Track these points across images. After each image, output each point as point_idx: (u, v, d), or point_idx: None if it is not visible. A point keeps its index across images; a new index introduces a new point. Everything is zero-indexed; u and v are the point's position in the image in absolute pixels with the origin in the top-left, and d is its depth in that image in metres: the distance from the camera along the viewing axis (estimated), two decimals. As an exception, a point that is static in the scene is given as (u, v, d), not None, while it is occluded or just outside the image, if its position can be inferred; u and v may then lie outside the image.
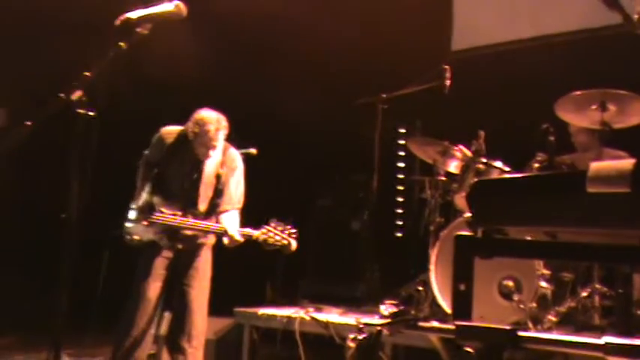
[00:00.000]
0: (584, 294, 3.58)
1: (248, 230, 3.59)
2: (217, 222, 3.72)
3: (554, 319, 3.49)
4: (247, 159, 4.14)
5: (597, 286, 3.52)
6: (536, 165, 3.85)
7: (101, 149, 2.88)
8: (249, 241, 3.59)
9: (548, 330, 3.41)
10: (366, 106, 4.90)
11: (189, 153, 3.71)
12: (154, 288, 3.67)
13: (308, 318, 4.23)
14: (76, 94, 2.67)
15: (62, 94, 2.66)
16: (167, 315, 3.98)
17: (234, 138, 3.96)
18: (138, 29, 2.79)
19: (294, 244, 3.58)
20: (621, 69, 4.62)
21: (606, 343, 1.78)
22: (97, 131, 2.77)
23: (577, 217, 2.00)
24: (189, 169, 3.75)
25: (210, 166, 3.76)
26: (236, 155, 3.88)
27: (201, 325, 3.74)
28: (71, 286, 2.63)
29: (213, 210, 3.76)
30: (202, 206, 3.74)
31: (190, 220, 3.65)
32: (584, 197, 1.93)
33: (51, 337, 2.68)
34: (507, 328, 2.00)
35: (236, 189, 3.81)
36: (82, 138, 2.67)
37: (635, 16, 2.69)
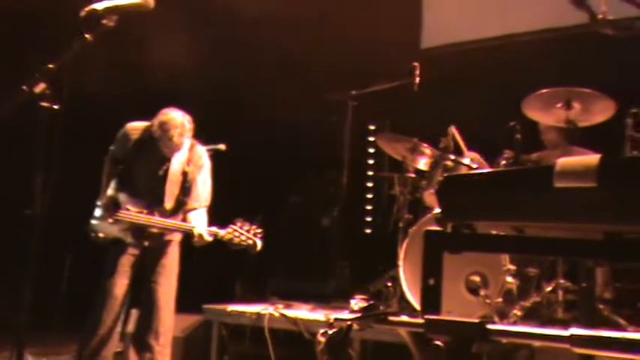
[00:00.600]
0: (549, 289, 3.64)
1: (214, 229, 3.56)
2: (184, 220, 3.68)
3: (519, 313, 3.55)
4: (216, 155, 4.11)
5: (561, 280, 3.58)
6: (503, 162, 3.89)
7: (67, 143, 2.83)
8: (215, 240, 3.56)
9: (514, 324, 3.46)
10: (336, 103, 4.91)
11: (155, 150, 3.65)
12: (120, 285, 3.63)
13: (277, 314, 4.21)
14: (40, 87, 2.62)
15: (25, 87, 2.61)
16: (134, 312, 3.93)
17: (203, 134, 3.92)
18: (104, 21, 2.75)
19: (259, 244, 3.56)
20: (587, 68, 4.70)
21: (572, 334, 1.81)
22: (61, 124, 2.72)
23: (544, 211, 2.03)
24: (155, 166, 3.70)
25: (176, 164, 3.71)
26: (202, 152, 3.83)
27: (169, 322, 3.70)
28: (35, 284, 2.58)
29: (179, 208, 3.73)
30: (169, 204, 3.69)
31: (156, 218, 3.61)
32: (550, 192, 1.95)
33: (14, 336, 2.63)
34: (476, 321, 2.01)
35: (203, 187, 3.76)
36: (45, 131, 2.61)
37: (601, 16, 2.74)
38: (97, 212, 3.69)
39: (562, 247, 2.20)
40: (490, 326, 2.02)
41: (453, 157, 3.99)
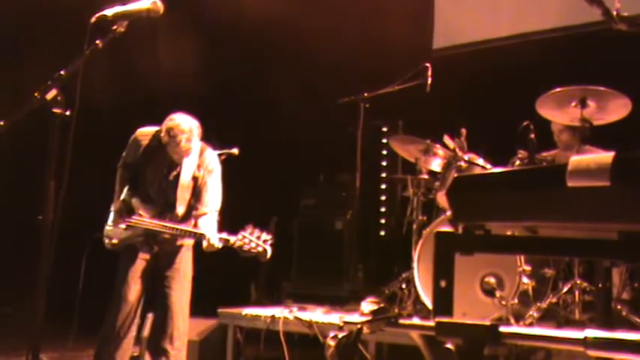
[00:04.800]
0: (565, 289, 3.60)
1: (225, 236, 3.52)
2: (195, 225, 3.66)
3: (535, 314, 3.51)
4: (230, 159, 4.11)
5: (578, 281, 3.54)
6: (518, 162, 3.87)
7: (80, 149, 2.84)
8: (225, 246, 3.53)
9: (530, 326, 3.42)
10: (348, 106, 4.89)
11: (165, 155, 3.66)
12: (134, 290, 3.64)
13: (292, 318, 4.21)
14: (51, 93, 2.63)
15: (37, 94, 2.62)
16: (150, 317, 3.94)
17: (215, 139, 3.92)
18: (114, 27, 2.76)
19: (269, 252, 3.52)
20: (601, 65, 4.65)
21: (586, 337, 1.77)
22: (73, 131, 2.74)
23: (557, 211, 1.99)
24: (165, 171, 3.71)
25: (186, 169, 3.70)
26: (212, 157, 3.81)
27: (183, 326, 3.70)
28: (51, 290, 2.60)
29: (191, 213, 3.72)
30: (180, 209, 3.69)
31: (168, 224, 3.61)
32: (564, 191, 1.92)
33: (30, 342, 2.64)
34: (487, 323, 1.98)
35: (213, 191, 3.73)
36: (57, 137, 2.63)
37: (615, 12, 2.70)
38: (111, 218, 3.71)
39: (576, 247, 2.16)
40: (502, 329, 1.99)
41: (466, 158, 3.96)
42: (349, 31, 5.89)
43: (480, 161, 3.94)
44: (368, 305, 3.23)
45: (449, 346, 1.94)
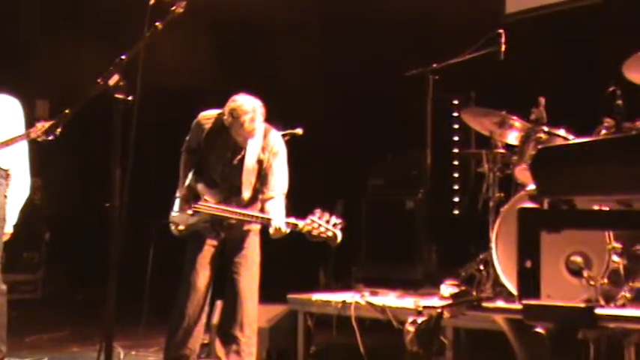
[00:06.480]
0: (661, 267, 3.34)
1: (293, 220, 3.44)
2: (262, 209, 3.59)
3: (628, 295, 3.28)
4: (294, 139, 4.03)
5: (676, 258, 3.28)
6: (604, 132, 3.61)
7: (145, 134, 2.83)
8: (293, 231, 3.45)
9: (622, 307, 3.21)
10: (416, 78, 4.73)
11: (229, 138, 3.60)
12: (202, 277, 3.63)
13: (363, 303, 4.09)
14: (114, 79, 2.65)
15: (100, 80, 2.64)
16: (219, 303, 3.94)
17: (279, 119, 3.85)
18: (173, 8, 2.77)
19: (339, 236, 3.41)
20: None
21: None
22: (136, 116, 2.74)
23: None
24: (229, 154, 3.65)
25: (251, 152, 3.63)
26: (277, 138, 3.72)
27: (253, 313, 3.67)
28: (121, 276, 2.61)
29: (257, 197, 3.66)
30: (246, 194, 3.63)
31: (234, 209, 3.56)
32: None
33: (103, 329, 2.67)
34: (582, 305, 1.83)
35: (279, 174, 3.65)
36: (121, 123, 2.62)
37: None
38: (176, 204, 3.70)
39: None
40: (599, 311, 1.83)
41: (546, 129, 3.73)
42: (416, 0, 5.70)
43: (562, 132, 3.71)
44: (448, 288, 3.08)
45: (539, 330, 1.81)
